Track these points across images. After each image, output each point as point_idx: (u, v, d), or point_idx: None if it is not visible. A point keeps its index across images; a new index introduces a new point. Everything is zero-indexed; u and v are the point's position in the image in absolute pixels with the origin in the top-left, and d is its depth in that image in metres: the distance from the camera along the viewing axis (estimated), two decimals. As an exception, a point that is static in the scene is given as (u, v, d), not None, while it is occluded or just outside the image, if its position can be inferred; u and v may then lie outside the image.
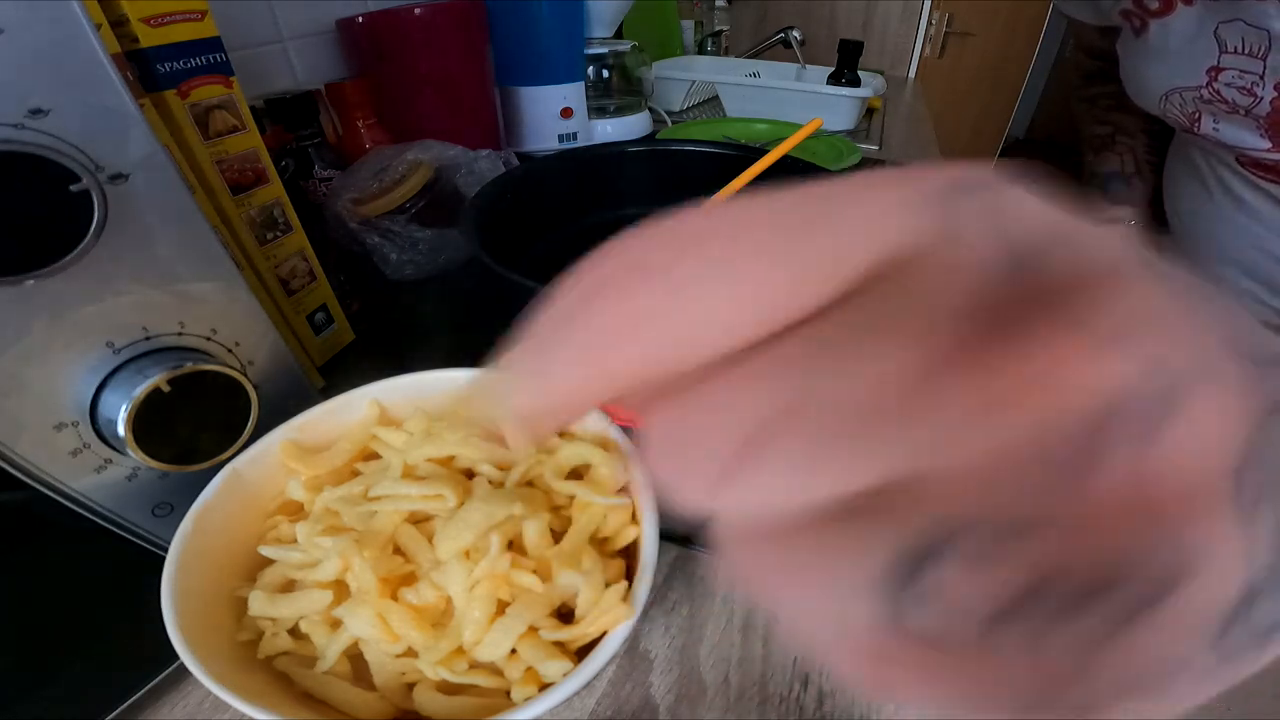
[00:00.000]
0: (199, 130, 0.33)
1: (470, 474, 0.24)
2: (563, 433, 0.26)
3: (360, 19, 0.60)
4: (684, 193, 0.45)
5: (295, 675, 0.20)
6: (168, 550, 0.21)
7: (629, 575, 0.21)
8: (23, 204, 0.18)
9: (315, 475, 0.25)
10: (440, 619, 0.21)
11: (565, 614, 0.21)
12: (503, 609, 0.20)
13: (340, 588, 0.21)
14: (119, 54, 0.30)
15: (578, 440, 0.25)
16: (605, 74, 0.84)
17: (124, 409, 0.21)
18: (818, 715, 0.26)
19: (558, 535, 0.22)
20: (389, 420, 0.27)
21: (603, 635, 0.19)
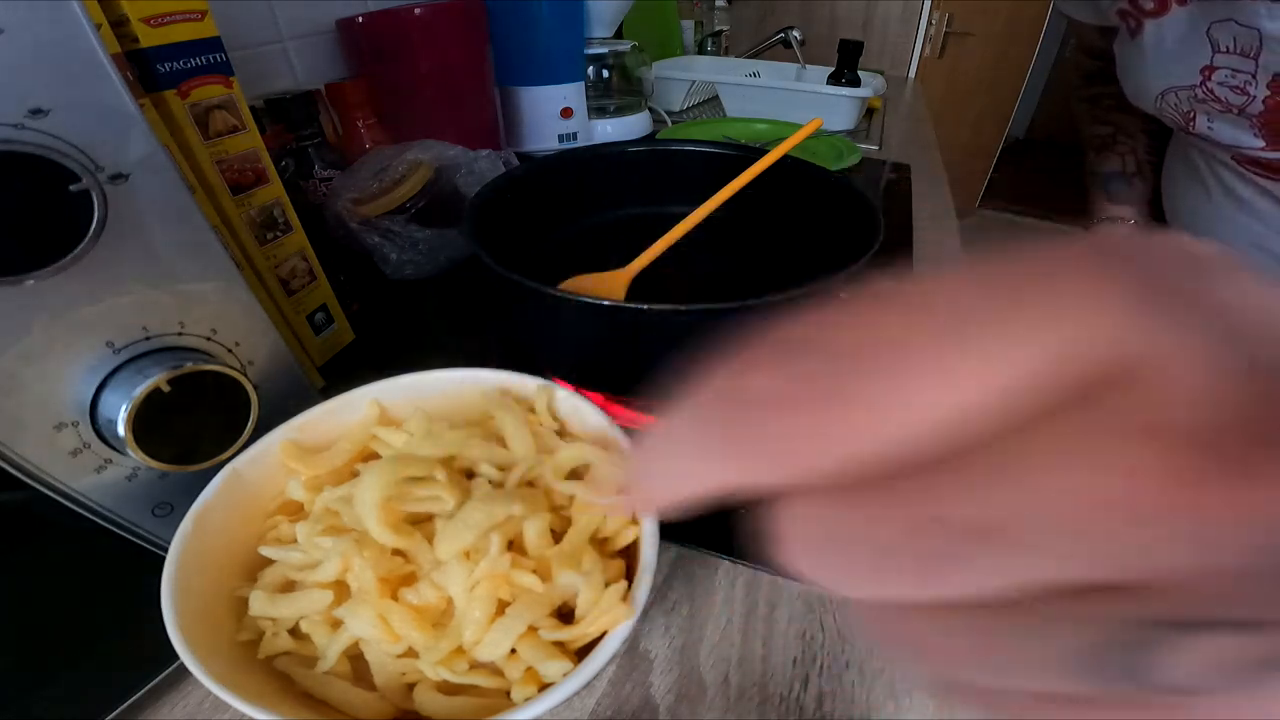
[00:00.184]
0: (199, 130, 0.33)
1: (470, 474, 0.24)
2: (563, 433, 0.26)
3: (360, 19, 0.60)
4: (684, 193, 0.46)
5: (295, 675, 0.20)
6: (168, 550, 0.21)
7: (629, 575, 0.21)
8: (23, 204, 0.18)
9: (315, 475, 0.25)
10: (440, 619, 0.21)
11: (565, 614, 0.21)
12: (503, 609, 0.20)
13: (340, 588, 0.21)
14: (119, 54, 0.30)
15: (578, 440, 0.25)
16: (605, 74, 0.84)
17: (124, 409, 0.21)
18: (818, 715, 0.26)
19: (558, 535, 0.22)
20: (389, 420, 0.27)
21: (603, 635, 0.19)
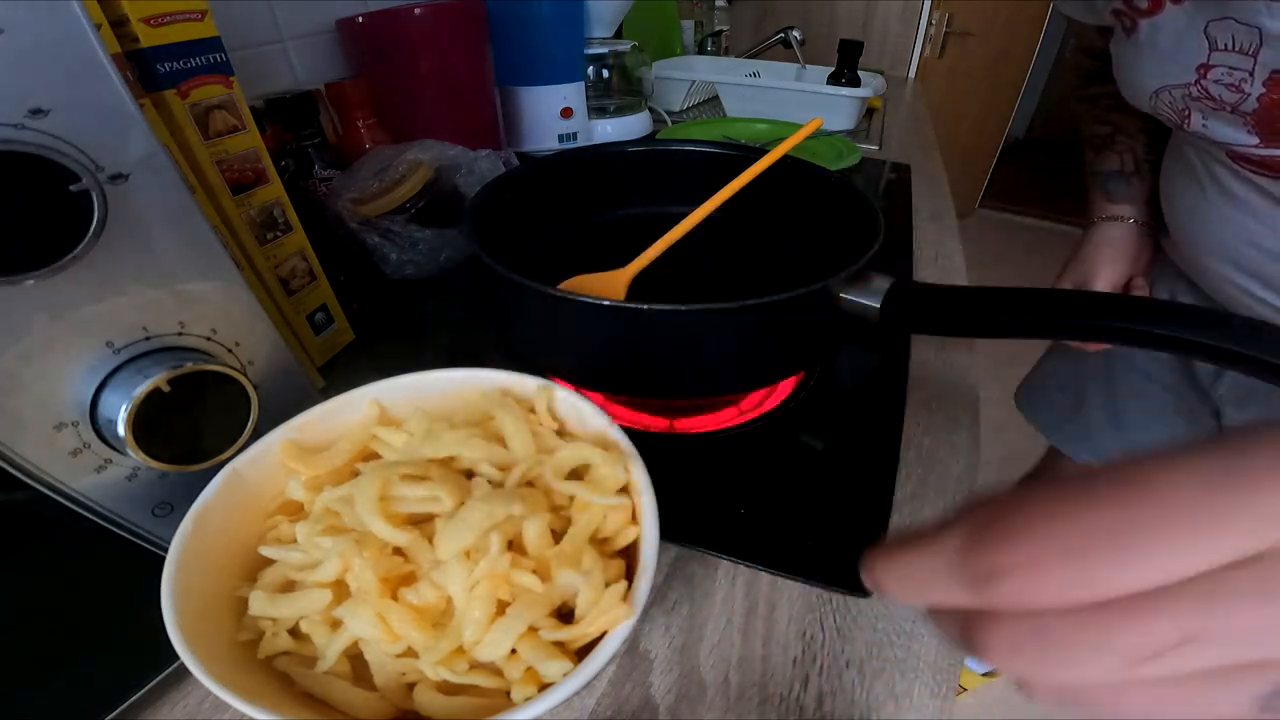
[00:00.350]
0: (199, 130, 0.33)
1: (470, 474, 0.24)
2: (563, 433, 0.26)
3: (360, 19, 0.60)
4: (684, 193, 0.46)
5: (295, 675, 0.20)
6: (168, 550, 0.21)
7: (629, 575, 0.21)
8: (23, 204, 0.18)
9: (315, 475, 0.25)
10: (440, 619, 0.21)
11: (565, 614, 0.21)
12: (503, 609, 0.20)
13: (340, 588, 0.21)
14: (119, 54, 0.30)
15: (578, 440, 0.25)
16: (605, 74, 0.84)
17: (124, 409, 0.21)
18: (818, 715, 0.26)
19: (558, 535, 0.22)
20: (389, 420, 0.27)
21: (603, 635, 0.19)
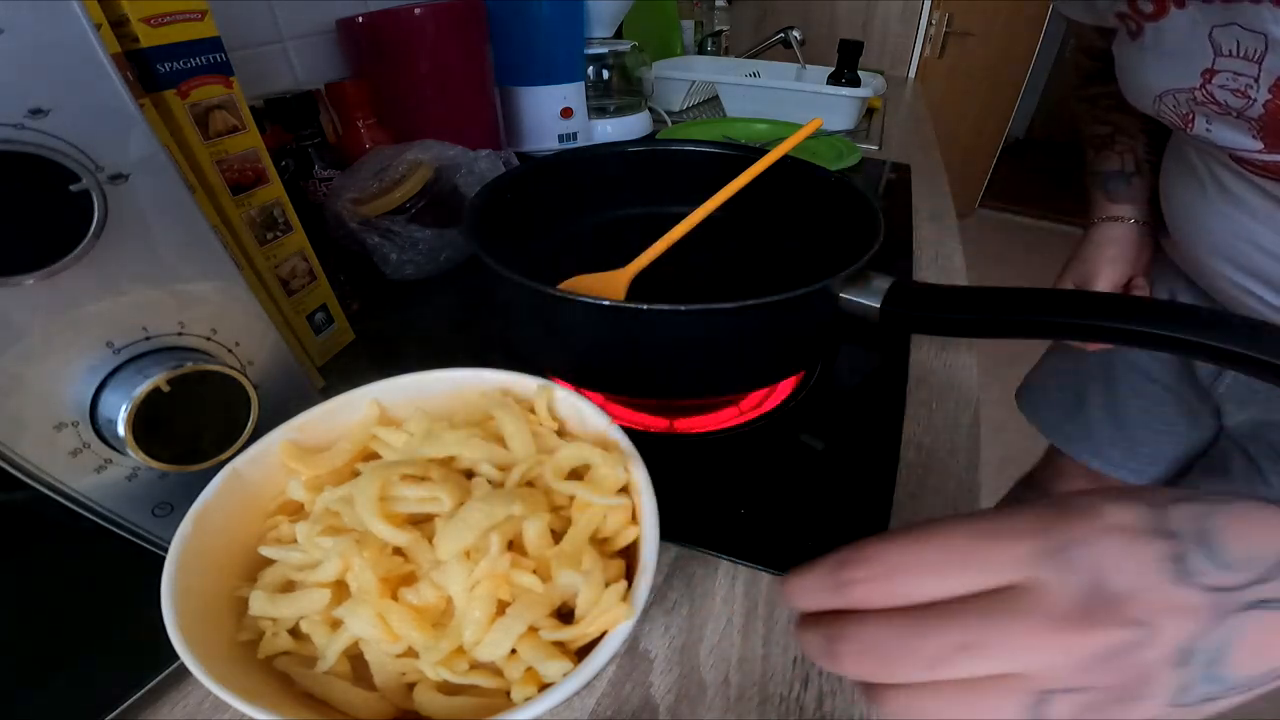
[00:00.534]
0: (199, 130, 0.33)
1: (470, 474, 0.24)
2: (563, 433, 0.26)
3: (360, 19, 0.60)
4: (684, 193, 0.46)
5: (295, 675, 0.20)
6: (168, 550, 0.21)
7: (629, 575, 0.21)
8: (23, 204, 0.18)
9: (315, 475, 0.25)
10: (440, 619, 0.21)
11: (565, 614, 0.21)
12: (503, 609, 0.20)
13: (340, 588, 0.21)
14: (119, 54, 0.30)
15: (578, 440, 0.25)
16: (605, 74, 0.84)
17: (124, 409, 0.21)
18: (817, 715, 0.26)
19: (558, 535, 0.22)
20: (389, 420, 0.27)
21: (603, 635, 0.19)
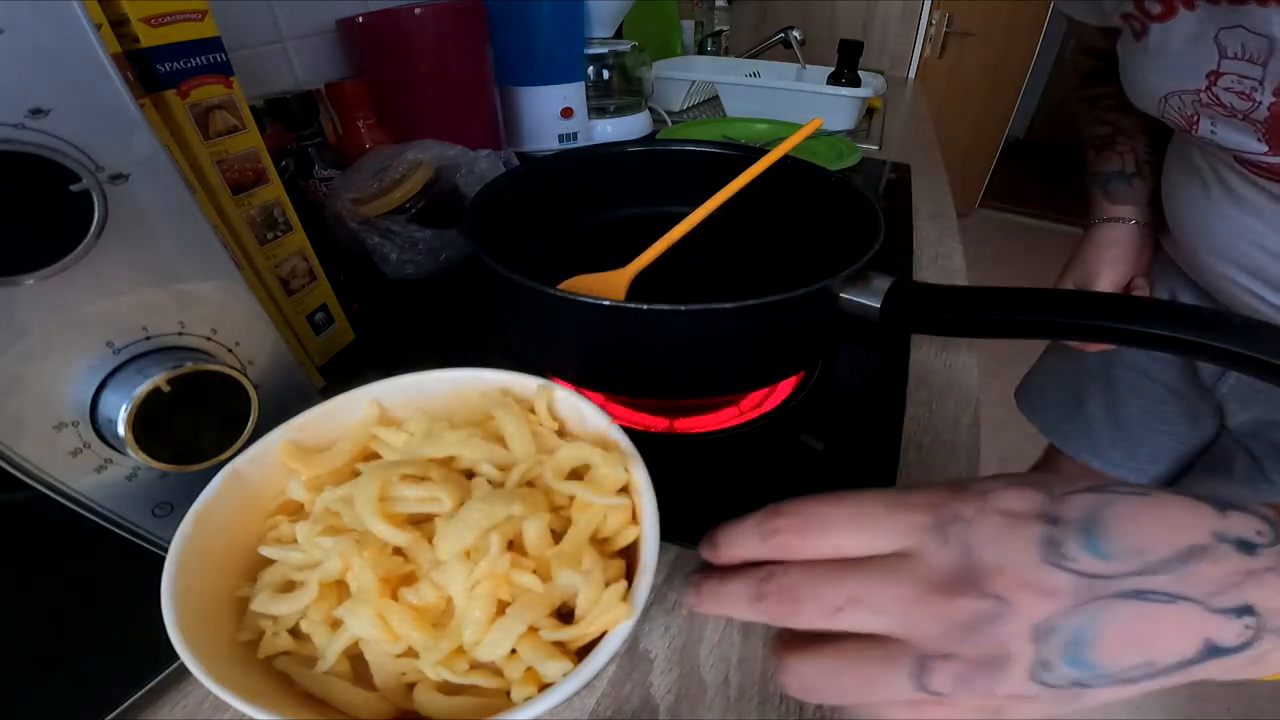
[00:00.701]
0: (199, 130, 0.33)
1: (470, 474, 0.24)
2: (563, 433, 0.26)
3: (360, 19, 0.60)
4: (684, 193, 0.46)
5: (295, 675, 0.20)
6: (168, 550, 0.21)
7: (629, 575, 0.21)
8: (23, 204, 0.18)
9: (315, 475, 0.25)
10: (440, 619, 0.21)
11: (565, 614, 0.21)
12: (503, 609, 0.20)
13: (340, 588, 0.21)
14: (119, 54, 0.30)
15: (578, 440, 0.25)
16: (605, 74, 0.84)
17: (124, 409, 0.21)
18: (817, 715, 0.26)
19: (558, 535, 0.22)
20: (389, 420, 0.27)
21: (603, 635, 0.19)
